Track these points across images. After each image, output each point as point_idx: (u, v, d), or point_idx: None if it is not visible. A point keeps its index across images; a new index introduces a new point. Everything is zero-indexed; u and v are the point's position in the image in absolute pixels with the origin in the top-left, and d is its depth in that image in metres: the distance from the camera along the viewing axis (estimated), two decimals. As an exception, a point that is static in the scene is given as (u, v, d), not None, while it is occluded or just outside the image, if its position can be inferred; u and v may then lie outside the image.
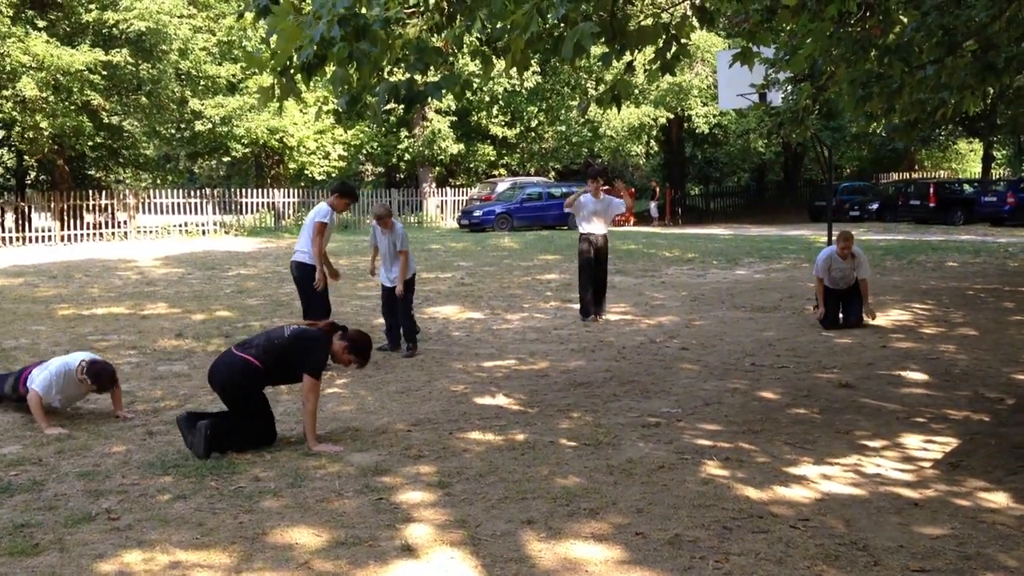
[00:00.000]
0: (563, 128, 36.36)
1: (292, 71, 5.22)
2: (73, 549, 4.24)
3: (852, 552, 4.15)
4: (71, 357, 6.74)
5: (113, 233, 28.18)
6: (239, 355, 5.98)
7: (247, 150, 32.24)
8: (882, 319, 10.78)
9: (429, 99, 5.44)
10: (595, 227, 11.33)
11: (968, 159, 52.96)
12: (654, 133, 37.46)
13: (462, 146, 35.65)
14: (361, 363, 6.22)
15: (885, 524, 4.51)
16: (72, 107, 24.97)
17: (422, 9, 5.92)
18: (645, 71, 6.55)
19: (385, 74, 5.50)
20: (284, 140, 31.58)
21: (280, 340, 6.06)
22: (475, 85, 33.08)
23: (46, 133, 24.91)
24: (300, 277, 8.88)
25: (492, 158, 37.24)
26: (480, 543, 4.29)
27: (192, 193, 31.32)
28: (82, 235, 27.42)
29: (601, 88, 32.82)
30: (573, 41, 4.80)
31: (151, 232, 28.99)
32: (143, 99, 27.38)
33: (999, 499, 4.89)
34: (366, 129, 34.59)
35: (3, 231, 26.46)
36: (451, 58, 5.93)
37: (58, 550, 4.23)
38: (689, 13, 6.41)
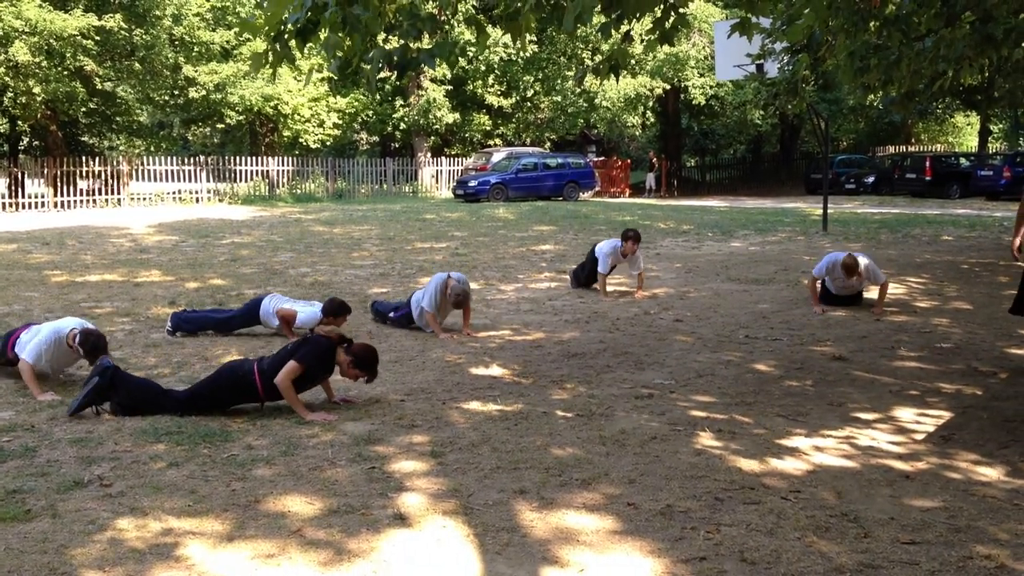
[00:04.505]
0: (559, 98, 36.18)
1: (286, 36, 5.16)
2: (65, 515, 4.24)
3: (843, 523, 4.16)
4: (62, 323, 6.70)
5: (106, 200, 28.05)
6: (252, 367, 6.05)
7: (241, 117, 32.06)
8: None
9: (423, 67, 5.39)
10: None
11: (965, 133, 52.87)
12: (650, 104, 37.29)
13: (457, 115, 35.47)
14: (368, 377, 6.17)
15: (876, 496, 4.52)
16: (65, 72, 24.78)
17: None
18: (643, 41, 6.51)
19: (379, 40, 5.44)
20: (279, 108, 31.40)
21: (285, 349, 6.11)
22: (471, 54, 32.92)
23: (39, 99, 24.73)
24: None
25: (488, 128, 37.07)
26: (473, 512, 4.30)
27: (186, 160, 31.15)
28: (75, 201, 27.30)
29: (598, 58, 32.67)
30: (575, 13, 4.77)
31: (144, 199, 28.87)
32: (136, 65, 27.17)
33: (990, 472, 4.91)
34: (361, 97, 34.43)
35: (-4, 197, 26.35)
36: (445, 25, 5.89)
37: (50, 516, 4.22)
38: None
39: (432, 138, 36.68)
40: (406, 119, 35.32)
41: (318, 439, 5.43)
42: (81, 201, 27.46)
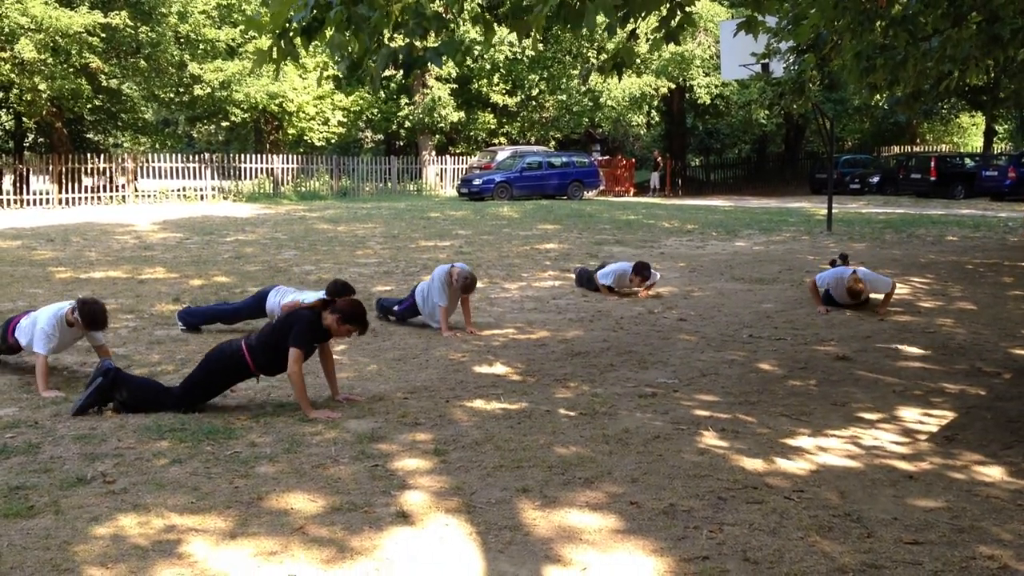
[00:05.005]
0: (564, 97, 36.19)
1: (291, 34, 5.15)
2: (68, 512, 4.24)
3: (846, 523, 4.16)
4: (59, 305, 6.76)
5: (111, 197, 28.11)
6: (240, 344, 6.06)
7: (246, 115, 32.11)
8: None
9: (429, 65, 5.39)
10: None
11: (970, 133, 52.80)
12: (655, 103, 37.30)
13: (462, 114, 35.49)
14: (360, 330, 6.18)
15: (879, 496, 4.51)
16: (70, 69, 24.83)
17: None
18: (648, 40, 6.52)
19: (385, 39, 5.43)
20: (283, 105, 31.43)
21: (271, 326, 6.14)
22: (476, 52, 32.93)
23: (44, 95, 24.78)
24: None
25: (492, 126, 37.09)
26: (475, 511, 4.29)
27: (191, 158, 31.22)
28: (80, 198, 27.37)
29: (603, 57, 32.66)
30: (595, 15, 4.79)
31: (149, 196, 28.92)
32: (142, 62, 27.22)
33: (994, 472, 4.90)
34: (366, 95, 34.45)
35: (1, 194, 26.38)
36: (451, 24, 5.88)
37: (53, 512, 4.23)
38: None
39: (437, 136, 36.69)
40: (411, 117, 35.33)
41: (321, 437, 5.43)
42: (86, 198, 27.52)
